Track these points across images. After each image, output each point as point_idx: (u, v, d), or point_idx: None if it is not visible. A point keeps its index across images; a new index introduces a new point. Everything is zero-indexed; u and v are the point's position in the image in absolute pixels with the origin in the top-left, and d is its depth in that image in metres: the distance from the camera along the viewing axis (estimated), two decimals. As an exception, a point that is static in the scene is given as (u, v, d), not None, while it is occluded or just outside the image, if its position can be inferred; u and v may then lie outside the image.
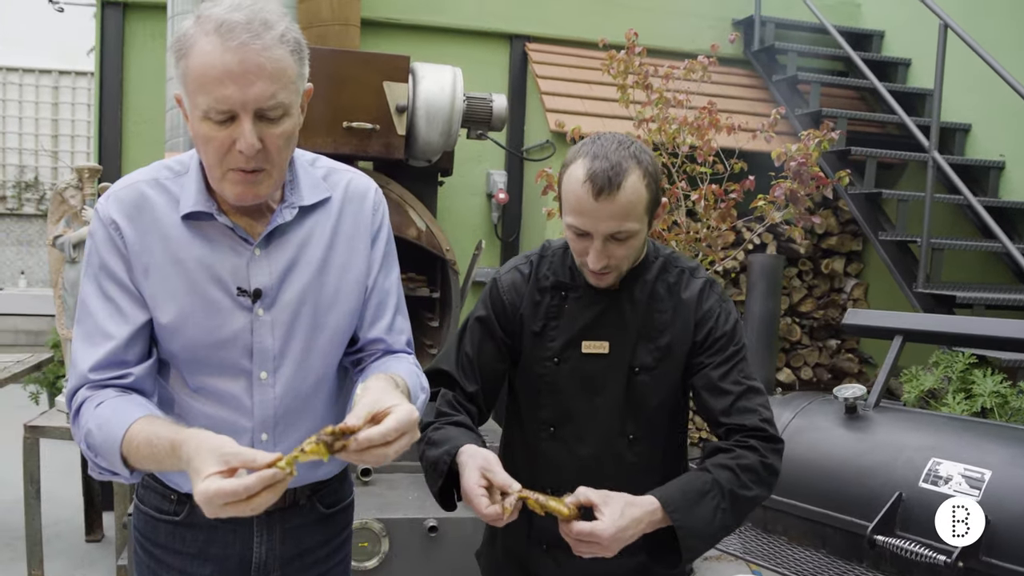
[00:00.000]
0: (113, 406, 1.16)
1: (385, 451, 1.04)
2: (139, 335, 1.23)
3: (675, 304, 1.49)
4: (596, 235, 1.37)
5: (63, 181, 3.39)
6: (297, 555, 1.37)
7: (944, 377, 3.08)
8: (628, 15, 4.66)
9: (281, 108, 1.15)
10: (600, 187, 1.33)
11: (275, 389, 1.27)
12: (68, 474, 4.34)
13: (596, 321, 1.48)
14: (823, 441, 2.27)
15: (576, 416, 1.50)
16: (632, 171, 1.35)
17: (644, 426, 1.50)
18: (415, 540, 2.90)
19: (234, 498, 0.98)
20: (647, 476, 1.49)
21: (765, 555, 2.13)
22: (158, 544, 1.34)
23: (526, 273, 1.55)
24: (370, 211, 1.35)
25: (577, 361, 1.49)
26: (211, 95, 1.11)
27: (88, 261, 1.26)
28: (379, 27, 4.35)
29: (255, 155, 1.14)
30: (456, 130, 3.37)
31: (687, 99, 3.59)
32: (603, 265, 1.39)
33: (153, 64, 4.12)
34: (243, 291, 1.24)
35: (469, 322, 1.57)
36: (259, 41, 1.11)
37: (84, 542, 3.74)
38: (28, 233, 8.90)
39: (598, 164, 1.34)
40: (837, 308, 4.74)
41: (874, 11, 5.29)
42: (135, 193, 1.24)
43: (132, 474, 1.15)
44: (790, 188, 3.26)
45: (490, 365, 1.54)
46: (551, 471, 1.53)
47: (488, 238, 4.59)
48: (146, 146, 4.17)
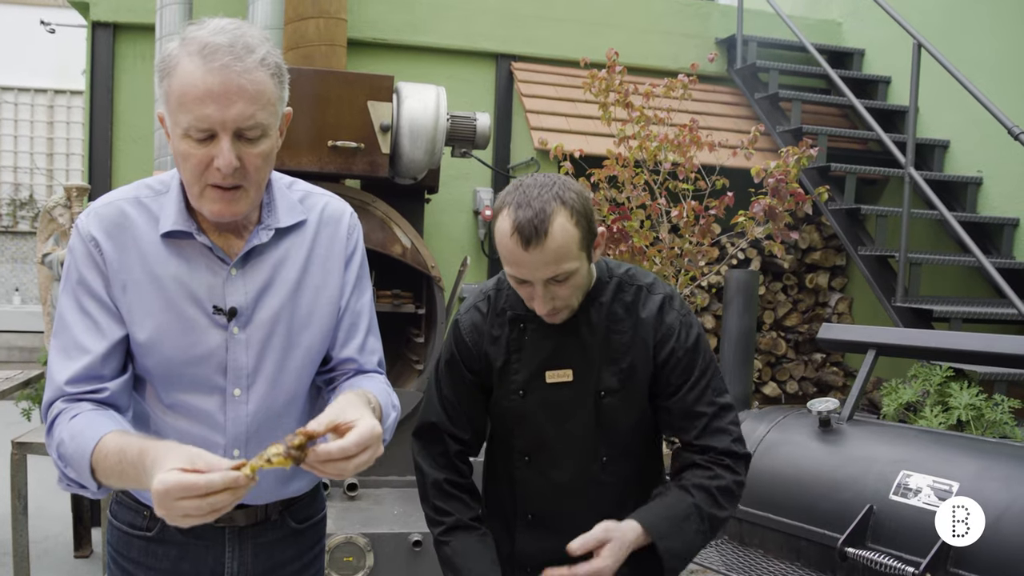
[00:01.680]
0: (88, 419, 1.17)
1: (344, 465, 1.05)
2: (115, 350, 1.24)
3: (634, 323, 1.49)
4: (536, 282, 1.36)
5: (51, 200, 3.41)
6: (269, 570, 1.38)
7: (922, 390, 3.11)
8: (613, 35, 4.72)
9: (260, 129, 1.17)
10: (527, 238, 1.31)
11: (248, 406, 1.28)
12: (56, 490, 4.30)
13: (557, 350, 1.48)
14: (797, 455, 2.28)
15: (549, 444, 1.51)
16: (557, 213, 1.32)
17: (617, 447, 1.50)
18: (400, 554, 2.90)
19: (191, 492, 0.96)
20: (623, 495, 1.50)
21: (742, 568, 2.14)
22: (131, 559, 1.35)
23: (484, 311, 1.55)
24: (345, 234, 1.37)
25: (543, 391, 1.49)
26: (192, 114, 1.13)
27: (66, 276, 1.27)
28: (366, 47, 4.40)
29: (233, 173, 1.16)
30: (440, 148, 3.40)
31: (668, 116, 3.63)
32: (550, 308, 1.40)
33: (142, 84, 4.15)
34: (219, 309, 1.25)
35: (439, 368, 1.57)
36: (240, 64, 1.13)
37: (73, 558, 3.71)
38: (23, 250, 8.89)
39: (522, 213, 1.32)
40: (822, 322, 4.77)
41: (855, 30, 5.36)
42: (115, 211, 1.26)
43: (99, 489, 1.15)
44: (769, 204, 3.29)
45: (475, 406, 1.56)
46: (531, 497, 1.54)
47: (475, 254, 4.61)
48: (135, 164, 4.19)
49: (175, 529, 1.31)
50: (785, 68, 4.88)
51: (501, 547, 1.57)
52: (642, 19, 4.88)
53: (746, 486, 2.26)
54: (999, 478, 1.86)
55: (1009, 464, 1.91)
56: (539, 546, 1.53)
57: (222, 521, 1.31)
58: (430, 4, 4.48)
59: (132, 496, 1.33)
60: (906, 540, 1.90)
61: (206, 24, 1.18)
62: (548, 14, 4.71)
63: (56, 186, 8.99)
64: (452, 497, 1.52)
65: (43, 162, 9.04)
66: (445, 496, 1.52)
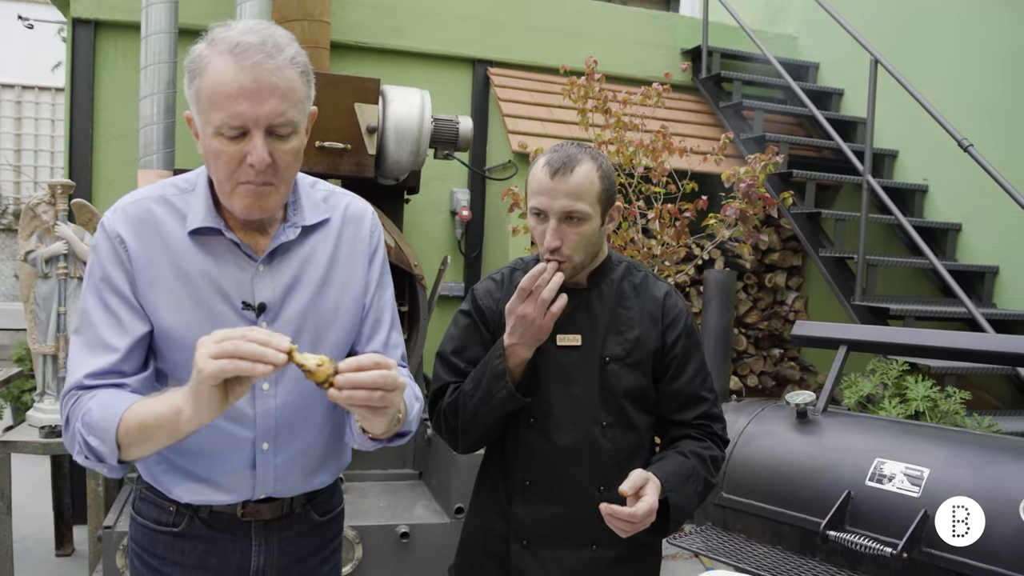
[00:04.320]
0: (117, 392, 1.17)
1: (360, 377, 1.04)
2: (138, 347, 1.22)
3: (641, 302, 1.59)
4: (551, 213, 1.46)
5: (35, 197, 3.30)
6: (293, 563, 1.37)
7: (880, 383, 3.21)
8: (585, 43, 4.76)
9: (290, 126, 1.17)
10: (556, 168, 1.45)
11: (276, 400, 1.27)
12: (38, 489, 4.19)
13: (569, 316, 1.54)
14: (777, 444, 2.33)
15: (554, 406, 1.55)
16: (585, 161, 1.47)
17: (616, 413, 1.56)
18: (388, 546, 2.90)
19: (232, 334, 0.99)
20: (620, 460, 1.55)
21: (725, 552, 2.18)
22: (157, 556, 1.32)
23: (498, 280, 1.64)
24: (367, 233, 1.37)
25: (553, 354, 1.54)
26: (225, 111, 1.12)
27: (90, 273, 1.25)
28: (348, 51, 4.36)
29: (265, 169, 1.15)
30: (424, 150, 3.40)
31: (642, 123, 3.68)
32: (557, 244, 1.46)
33: (125, 81, 4.04)
34: (248, 305, 1.24)
35: (450, 335, 1.64)
36: (272, 61, 1.13)
37: (54, 556, 3.61)
38: (-13, 247, 8.57)
39: (556, 153, 1.49)
40: (780, 319, 4.89)
41: (809, 44, 5.50)
42: (142, 208, 1.25)
43: (118, 462, 1.13)
44: (740, 208, 3.37)
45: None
46: (532, 460, 1.56)
47: (452, 253, 4.61)
48: (118, 163, 4.08)
49: (202, 524, 1.30)
50: (747, 79, 4.99)
51: (495, 526, 1.59)
52: (613, 29, 4.93)
53: (728, 474, 2.32)
54: (965, 464, 1.94)
55: (972, 450, 2.00)
56: (537, 514, 1.56)
57: (248, 515, 1.31)
58: (411, 10, 4.46)
59: (158, 492, 1.31)
60: (883, 523, 1.97)
61: (233, 26, 1.17)
62: (524, 22, 4.73)
63: (24, 182, 8.67)
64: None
65: (10, 159, 8.71)
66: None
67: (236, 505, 1.30)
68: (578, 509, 1.54)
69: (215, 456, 1.27)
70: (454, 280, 4.66)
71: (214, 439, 1.26)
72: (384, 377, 1.06)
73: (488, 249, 4.64)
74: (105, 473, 1.18)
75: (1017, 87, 4.05)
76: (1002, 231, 4.08)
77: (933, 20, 4.57)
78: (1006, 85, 4.11)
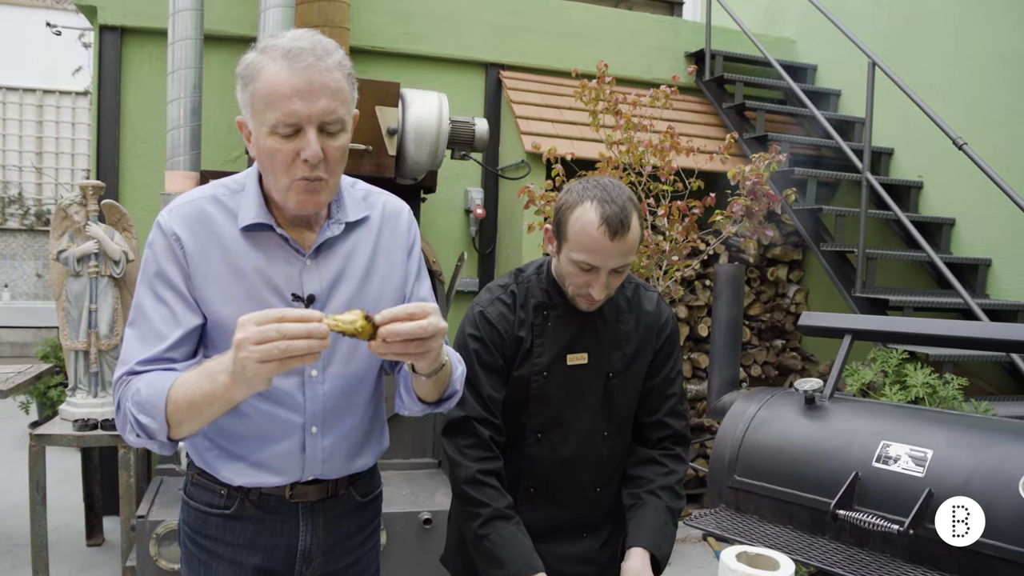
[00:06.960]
0: (164, 373, 1.20)
1: (403, 327, 1.07)
2: (189, 337, 1.26)
3: (637, 315, 1.63)
4: (604, 270, 1.46)
5: (67, 198, 3.33)
6: (337, 542, 1.42)
7: (881, 371, 3.25)
8: (593, 47, 4.80)
9: (340, 123, 1.21)
10: (615, 229, 1.42)
11: (324, 385, 1.32)
12: (64, 482, 4.24)
13: (577, 335, 1.58)
14: (787, 429, 2.36)
15: (563, 421, 1.59)
16: (633, 213, 1.46)
17: (616, 423, 1.62)
18: (411, 532, 2.94)
19: (269, 317, 0.99)
20: (616, 468, 1.63)
21: (739, 532, 2.21)
22: (208, 536, 1.37)
23: (509, 303, 1.61)
24: (405, 228, 1.42)
25: (563, 372, 1.58)
26: (280, 111, 1.16)
27: (144, 269, 1.29)
28: (365, 55, 4.39)
29: (318, 164, 1.19)
30: (442, 151, 3.43)
31: (651, 124, 3.72)
32: (604, 296, 1.50)
33: (151, 86, 4.08)
34: (297, 297, 1.28)
35: (473, 363, 1.58)
36: (322, 63, 1.18)
37: (85, 546, 3.65)
38: (11, 247, 8.61)
39: (610, 209, 1.43)
40: (782, 311, 4.93)
41: (807, 47, 5.53)
42: (196, 208, 1.29)
43: (167, 439, 1.16)
44: (746, 204, 3.40)
45: (502, 390, 1.60)
46: (536, 472, 1.61)
47: (466, 250, 4.65)
48: (143, 164, 4.12)
49: (252, 506, 1.34)
50: (749, 80, 5.02)
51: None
52: (619, 33, 4.96)
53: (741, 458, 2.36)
54: (966, 445, 1.97)
55: (973, 432, 2.03)
56: (538, 517, 1.60)
57: (296, 497, 1.35)
58: (426, 16, 4.49)
59: (210, 476, 1.35)
60: (889, 502, 2.00)
61: (283, 35, 1.22)
62: (535, 27, 4.76)
63: (45, 184, 8.73)
64: (485, 486, 1.54)
65: (32, 161, 8.76)
66: (478, 486, 1.54)
67: (285, 487, 1.34)
68: (576, 508, 1.62)
69: (267, 440, 1.32)
70: (469, 276, 4.70)
71: (266, 425, 1.30)
72: (423, 328, 1.08)
73: (501, 245, 4.68)
74: (155, 450, 1.21)
75: (1008, 88, 4.08)
76: (994, 225, 4.12)
77: (927, 23, 4.60)
78: (997, 86, 4.14)
